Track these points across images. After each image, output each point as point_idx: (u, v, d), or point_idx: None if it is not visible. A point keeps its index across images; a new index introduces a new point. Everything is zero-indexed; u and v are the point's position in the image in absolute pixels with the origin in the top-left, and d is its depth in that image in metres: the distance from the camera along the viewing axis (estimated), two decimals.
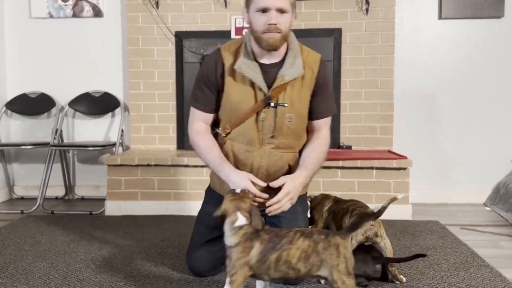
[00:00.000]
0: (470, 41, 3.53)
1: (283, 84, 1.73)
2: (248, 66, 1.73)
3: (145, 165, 3.17)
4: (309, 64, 1.78)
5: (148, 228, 2.82)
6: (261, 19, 1.65)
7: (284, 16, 1.67)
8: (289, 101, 1.75)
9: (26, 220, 3.03)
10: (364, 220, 1.80)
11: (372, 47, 3.46)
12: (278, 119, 1.75)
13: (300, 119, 1.81)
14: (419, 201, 3.50)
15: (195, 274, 2.01)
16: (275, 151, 1.80)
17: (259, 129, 1.77)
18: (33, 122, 3.80)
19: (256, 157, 1.78)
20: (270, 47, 1.69)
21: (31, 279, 2.01)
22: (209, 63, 1.81)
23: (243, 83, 1.75)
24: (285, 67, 1.74)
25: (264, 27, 1.66)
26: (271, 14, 1.64)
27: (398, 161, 3.05)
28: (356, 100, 3.51)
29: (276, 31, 1.66)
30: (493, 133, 3.56)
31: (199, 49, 3.55)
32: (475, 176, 3.57)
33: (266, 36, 1.67)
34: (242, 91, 1.76)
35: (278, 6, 1.63)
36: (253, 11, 1.68)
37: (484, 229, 2.82)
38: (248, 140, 1.78)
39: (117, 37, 3.70)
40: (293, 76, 1.74)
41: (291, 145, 1.82)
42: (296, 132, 1.82)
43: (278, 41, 1.69)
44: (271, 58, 1.76)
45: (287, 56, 1.76)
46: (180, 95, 3.59)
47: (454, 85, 3.56)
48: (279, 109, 1.74)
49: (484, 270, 2.10)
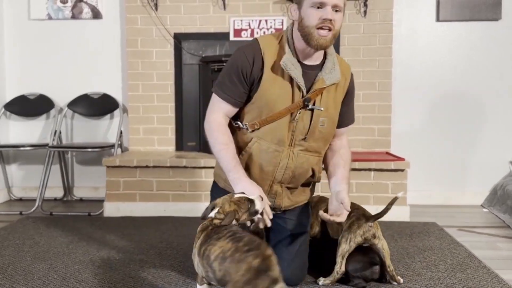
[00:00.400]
0: (467, 43, 3.55)
1: (322, 87, 1.73)
2: (292, 64, 1.69)
3: (143, 166, 3.17)
4: (343, 72, 1.79)
5: (147, 229, 2.83)
6: (317, 13, 1.63)
7: (338, 14, 1.66)
8: (324, 106, 1.75)
9: (25, 221, 3.03)
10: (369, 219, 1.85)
11: (370, 49, 3.48)
12: (313, 122, 1.75)
13: (332, 124, 1.82)
14: (417, 202, 3.51)
15: None
16: (303, 153, 1.79)
17: (291, 129, 1.74)
18: (32, 124, 3.81)
19: (284, 158, 1.76)
20: (320, 47, 1.67)
21: (30, 280, 2.02)
22: (246, 56, 1.73)
23: (283, 80, 1.71)
24: (325, 71, 1.73)
25: (319, 21, 1.63)
26: (327, 9, 1.62)
27: (396, 163, 3.06)
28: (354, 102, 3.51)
29: (330, 27, 1.64)
30: (491, 135, 3.57)
31: (198, 51, 3.56)
32: (473, 178, 3.59)
33: (318, 35, 1.64)
34: (281, 88, 1.71)
35: (335, 2, 1.62)
36: (307, 6, 1.66)
37: (482, 231, 2.83)
38: (278, 140, 1.74)
39: (116, 39, 3.71)
40: (333, 81, 1.74)
41: (319, 149, 1.83)
42: (326, 137, 1.83)
43: (328, 42, 1.67)
44: (313, 59, 1.75)
45: (327, 60, 1.76)
46: (179, 96, 3.60)
47: (452, 87, 3.57)
48: (315, 112, 1.74)
49: (481, 271, 2.11)
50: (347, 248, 1.86)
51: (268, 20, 3.49)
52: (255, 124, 1.74)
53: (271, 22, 3.49)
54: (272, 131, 1.73)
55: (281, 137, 1.73)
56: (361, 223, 1.87)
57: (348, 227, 1.89)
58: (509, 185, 3.30)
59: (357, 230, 1.86)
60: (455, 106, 3.58)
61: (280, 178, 1.81)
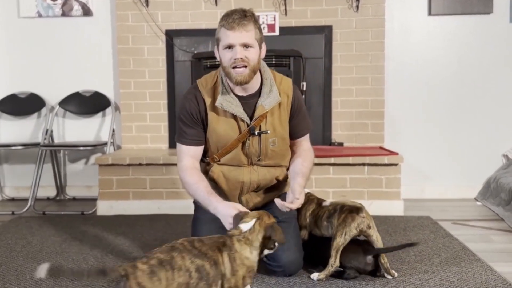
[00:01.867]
0: (460, 37, 3.55)
1: (263, 113, 1.85)
2: (228, 101, 1.83)
3: (136, 164, 3.16)
4: (284, 90, 1.89)
5: (141, 227, 2.81)
6: (228, 54, 1.76)
7: (250, 51, 1.76)
8: (271, 128, 1.88)
9: (17, 221, 3.01)
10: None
11: (363, 44, 3.47)
12: (262, 145, 1.89)
13: (283, 141, 1.94)
14: (410, 196, 3.52)
15: None
16: (262, 168, 1.94)
17: (246, 153, 1.90)
18: (23, 123, 3.77)
19: (246, 174, 1.92)
20: (239, 83, 1.79)
21: (22, 280, 2.00)
22: (191, 100, 1.89)
23: (226, 116, 1.86)
24: (263, 97, 1.85)
25: (231, 61, 1.75)
26: (236, 49, 1.74)
27: (389, 157, 3.07)
28: (347, 97, 3.52)
29: (242, 64, 1.75)
30: (484, 129, 3.58)
31: (190, 47, 3.54)
32: (466, 171, 3.60)
33: (234, 73, 1.76)
34: (226, 124, 1.86)
35: (242, 41, 1.73)
36: (221, 49, 1.79)
37: (476, 224, 2.84)
38: (237, 163, 1.92)
39: (107, 36, 3.68)
40: (272, 104, 1.85)
41: (277, 164, 1.96)
42: (281, 153, 1.95)
43: (246, 77, 1.78)
44: (247, 90, 1.87)
45: (263, 86, 1.87)
46: (171, 93, 3.58)
47: (444, 81, 3.58)
48: (263, 136, 1.87)
49: (475, 264, 2.11)
50: (342, 241, 1.86)
51: (260, 15, 3.47)
52: (215, 158, 1.92)
53: (263, 17, 3.47)
54: (230, 159, 1.91)
55: (239, 161, 1.91)
56: (354, 215, 1.87)
57: (342, 221, 1.88)
58: (502, 178, 3.31)
59: (352, 223, 1.86)
60: (448, 100, 3.59)
61: (247, 190, 1.98)
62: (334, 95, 3.52)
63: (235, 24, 1.72)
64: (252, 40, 1.76)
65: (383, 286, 1.88)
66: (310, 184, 3.10)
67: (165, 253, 1.47)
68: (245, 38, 1.74)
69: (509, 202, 3.04)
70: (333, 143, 3.50)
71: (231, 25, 1.73)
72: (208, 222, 1.92)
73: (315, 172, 3.09)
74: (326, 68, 3.50)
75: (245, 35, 1.74)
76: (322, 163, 3.09)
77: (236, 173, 1.92)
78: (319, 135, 3.54)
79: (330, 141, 3.53)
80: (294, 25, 3.49)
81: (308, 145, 2.04)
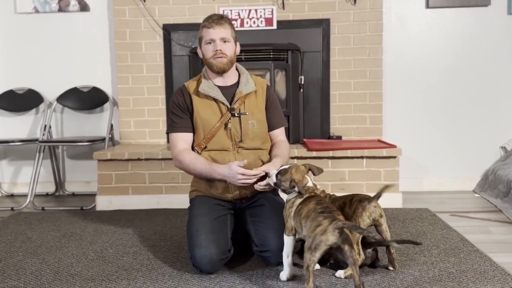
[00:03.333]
0: (457, 29, 3.55)
1: (241, 97, 2.13)
2: (209, 87, 2.13)
3: (135, 159, 3.16)
4: (259, 83, 2.21)
5: (140, 222, 2.82)
6: (209, 48, 2.10)
7: (227, 44, 2.10)
8: (249, 111, 2.14)
9: (16, 216, 3.01)
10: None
11: (361, 37, 3.47)
12: (243, 125, 2.12)
13: (261, 124, 2.18)
14: (409, 189, 3.53)
15: (205, 267, 1.93)
16: (246, 151, 2.13)
17: (229, 136, 2.12)
18: (21, 119, 3.77)
19: (231, 157, 2.10)
20: (219, 69, 2.11)
21: (22, 275, 2.01)
22: (177, 94, 2.19)
23: (208, 101, 2.14)
24: (241, 86, 2.15)
25: (212, 53, 2.09)
26: (216, 43, 2.08)
27: (388, 150, 3.07)
28: (345, 91, 3.52)
29: (222, 55, 2.08)
30: (482, 121, 3.59)
31: (188, 42, 3.53)
32: (465, 164, 3.61)
33: (215, 61, 2.09)
34: (209, 108, 2.13)
35: (221, 36, 2.08)
36: (203, 45, 2.12)
37: (474, 216, 2.85)
38: (222, 147, 2.12)
39: (104, 31, 3.67)
40: (249, 90, 2.15)
41: (258, 147, 2.16)
42: (260, 135, 2.17)
43: (225, 64, 2.10)
44: (226, 81, 2.17)
45: (241, 78, 2.18)
46: (169, 88, 3.58)
47: (442, 73, 3.58)
48: (243, 117, 2.13)
49: (473, 255, 2.12)
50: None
51: (257, 9, 3.47)
52: (201, 144, 2.13)
53: (260, 11, 3.47)
54: (216, 142, 2.12)
55: (223, 144, 2.12)
56: (364, 205, 1.87)
57: (353, 213, 1.88)
58: (500, 170, 3.32)
59: (363, 213, 1.86)
60: (446, 93, 3.59)
61: None
62: (332, 89, 3.52)
63: (214, 23, 2.08)
64: (229, 36, 2.11)
65: (382, 277, 1.89)
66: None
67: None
68: (223, 34, 2.09)
69: (507, 194, 3.05)
70: (332, 136, 3.50)
71: (211, 24, 2.09)
72: (202, 215, 2.05)
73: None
74: (324, 61, 3.50)
75: (223, 31, 2.09)
76: (321, 156, 3.09)
77: (223, 156, 2.11)
78: (317, 129, 3.54)
79: (328, 135, 3.53)
80: (291, 19, 3.48)
81: (284, 138, 2.27)
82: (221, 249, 1.95)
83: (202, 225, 2.00)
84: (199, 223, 2.01)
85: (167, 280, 1.91)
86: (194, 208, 2.14)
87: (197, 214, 2.08)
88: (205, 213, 2.06)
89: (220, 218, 2.07)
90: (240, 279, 1.91)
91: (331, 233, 1.61)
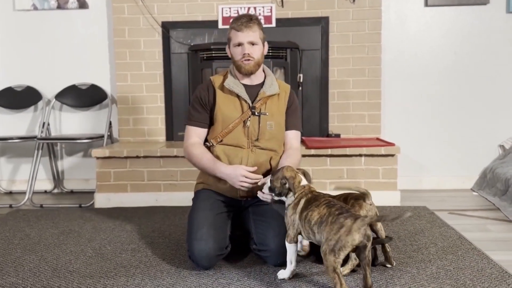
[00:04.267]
0: (456, 28, 3.55)
1: (264, 97, 2.15)
2: (234, 84, 2.15)
3: (134, 157, 3.16)
4: (283, 88, 2.24)
5: (138, 219, 2.82)
6: (238, 51, 2.12)
7: (255, 47, 2.12)
8: (269, 112, 2.15)
9: (15, 214, 3.01)
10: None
11: (360, 35, 3.47)
12: (261, 125, 2.13)
13: (279, 127, 2.19)
14: (407, 187, 3.54)
15: (202, 261, 1.94)
16: (259, 150, 2.14)
17: (246, 134, 2.13)
18: (20, 116, 3.76)
19: (244, 155, 2.12)
20: (247, 71, 2.13)
21: (20, 271, 2.01)
22: (202, 87, 2.22)
23: (231, 97, 2.15)
24: (266, 86, 2.18)
25: (240, 56, 2.11)
26: (244, 46, 2.10)
27: (386, 148, 3.07)
28: (344, 89, 3.52)
29: (250, 58, 2.10)
30: (480, 119, 3.59)
31: (186, 40, 3.53)
32: (463, 162, 3.61)
33: (243, 64, 2.12)
34: (231, 103, 2.15)
35: (249, 40, 2.10)
36: (232, 46, 2.14)
37: (472, 214, 2.85)
38: (237, 144, 2.13)
39: (103, 29, 3.67)
40: (272, 92, 2.17)
41: (273, 148, 2.17)
42: (277, 137, 2.18)
43: (252, 67, 2.13)
44: (253, 81, 2.18)
45: (266, 80, 2.20)
46: (168, 86, 3.58)
47: (441, 72, 3.58)
48: (262, 117, 2.14)
49: (471, 252, 2.13)
50: None
51: (256, 7, 3.46)
52: (218, 137, 2.14)
53: (259, 9, 3.46)
54: (232, 138, 2.14)
55: (239, 141, 2.13)
56: (361, 202, 1.88)
57: None
58: (498, 168, 3.33)
59: (360, 211, 1.87)
60: (444, 91, 3.59)
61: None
62: (331, 87, 3.52)
63: (243, 26, 2.09)
64: (257, 39, 2.12)
65: (380, 274, 1.90)
66: None
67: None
68: (252, 37, 2.10)
69: (505, 192, 3.06)
70: (330, 134, 3.50)
71: (240, 27, 2.09)
72: (205, 209, 2.06)
73: (312, 163, 3.11)
74: (323, 59, 3.50)
75: (251, 34, 2.09)
76: (319, 154, 3.10)
77: (237, 152, 2.12)
78: (315, 127, 3.54)
79: (327, 133, 3.54)
80: (290, 17, 3.48)
81: (297, 145, 2.25)
82: (219, 245, 1.95)
83: (205, 219, 2.01)
84: (201, 217, 2.02)
85: (165, 277, 1.91)
86: (198, 201, 2.14)
87: (200, 208, 2.08)
88: (208, 207, 2.07)
89: (222, 215, 2.08)
90: (238, 276, 1.91)
91: (357, 231, 1.58)
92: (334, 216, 1.64)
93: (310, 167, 3.11)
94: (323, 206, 1.70)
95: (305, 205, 1.76)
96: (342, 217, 1.62)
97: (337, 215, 1.63)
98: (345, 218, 1.61)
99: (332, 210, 1.66)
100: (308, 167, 3.11)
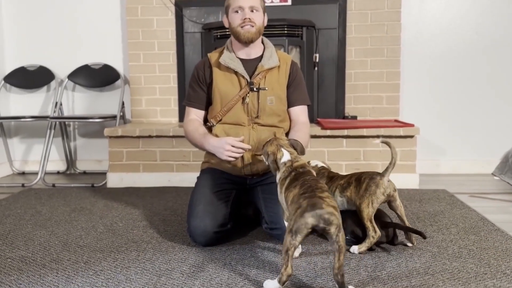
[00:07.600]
0: (477, 5, 3.42)
1: (263, 71, 2.05)
2: (230, 59, 2.06)
3: (146, 136, 3.11)
4: (283, 59, 2.12)
5: (151, 198, 2.78)
6: (238, 16, 2.01)
7: (256, 13, 2.02)
8: (269, 86, 2.06)
9: (27, 192, 2.99)
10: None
11: (378, 13, 3.36)
12: (260, 100, 2.04)
13: (280, 101, 2.08)
14: (426, 171, 3.44)
15: (199, 238, 1.91)
16: (261, 127, 2.06)
17: (246, 111, 2.05)
18: (33, 96, 3.74)
19: (245, 133, 2.04)
20: (247, 39, 2.02)
21: (30, 245, 1.98)
22: (199, 65, 2.15)
23: (229, 73, 2.07)
24: (264, 60, 2.07)
25: (240, 21, 2.00)
26: (245, 11, 2.00)
27: (405, 129, 2.98)
28: (361, 69, 3.42)
29: (250, 23, 2.00)
30: (502, 101, 3.47)
31: (200, 18, 3.46)
32: (484, 146, 3.50)
33: (243, 30, 2.01)
34: (228, 80, 2.06)
35: (250, 4, 2.00)
36: (231, 13, 2.04)
37: (494, 197, 2.75)
38: (237, 122, 2.06)
39: (116, 7, 3.62)
40: (271, 65, 2.06)
41: (274, 124, 2.08)
42: (277, 113, 2.08)
43: (253, 34, 2.02)
44: (250, 54, 2.09)
45: (265, 52, 2.10)
46: (181, 66, 3.52)
47: (461, 52, 3.46)
48: (261, 92, 2.04)
49: (494, 233, 2.04)
50: (371, 210, 1.79)
51: None
52: (217, 116, 2.07)
53: None
54: (231, 116, 2.06)
55: (239, 119, 2.05)
56: (377, 181, 1.80)
57: (364, 190, 1.81)
58: None
59: (377, 190, 1.79)
60: (465, 73, 3.47)
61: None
62: (348, 67, 3.42)
63: None
64: (258, 4, 2.03)
65: (399, 253, 1.82)
66: (323, 157, 3.04)
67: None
68: (252, 2, 2.00)
69: None
70: (347, 116, 3.41)
71: None
72: (204, 187, 2.03)
73: (328, 144, 3.03)
74: (340, 39, 3.40)
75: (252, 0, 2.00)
76: (335, 135, 3.02)
77: (237, 130, 2.05)
78: (331, 109, 3.45)
79: (343, 115, 3.45)
80: None
81: (305, 120, 2.15)
82: (217, 222, 1.90)
83: (202, 196, 1.98)
84: (199, 194, 2.00)
85: (177, 252, 1.87)
86: (200, 179, 2.12)
87: (200, 185, 2.06)
88: (208, 185, 2.03)
89: (222, 192, 2.01)
90: (252, 252, 1.85)
91: (309, 214, 1.42)
92: (297, 196, 1.53)
93: (325, 149, 3.04)
94: (298, 186, 1.58)
95: (288, 185, 1.64)
96: (302, 197, 1.49)
97: (300, 195, 1.52)
98: (304, 199, 1.48)
99: (300, 190, 1.54)
100: (323, 149, 3.04)
